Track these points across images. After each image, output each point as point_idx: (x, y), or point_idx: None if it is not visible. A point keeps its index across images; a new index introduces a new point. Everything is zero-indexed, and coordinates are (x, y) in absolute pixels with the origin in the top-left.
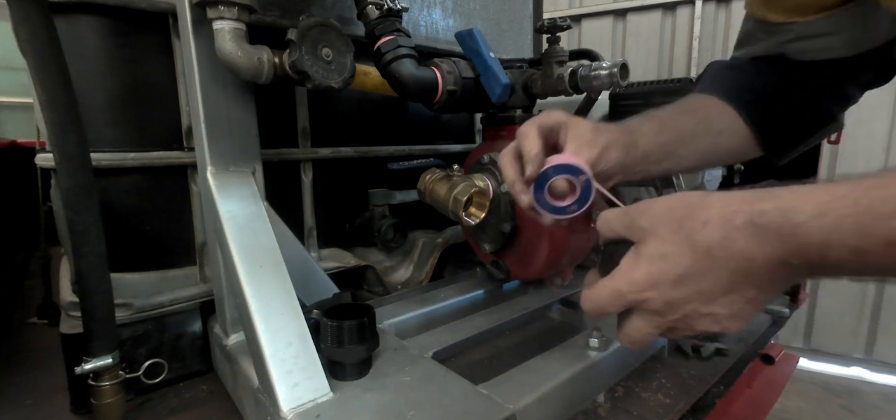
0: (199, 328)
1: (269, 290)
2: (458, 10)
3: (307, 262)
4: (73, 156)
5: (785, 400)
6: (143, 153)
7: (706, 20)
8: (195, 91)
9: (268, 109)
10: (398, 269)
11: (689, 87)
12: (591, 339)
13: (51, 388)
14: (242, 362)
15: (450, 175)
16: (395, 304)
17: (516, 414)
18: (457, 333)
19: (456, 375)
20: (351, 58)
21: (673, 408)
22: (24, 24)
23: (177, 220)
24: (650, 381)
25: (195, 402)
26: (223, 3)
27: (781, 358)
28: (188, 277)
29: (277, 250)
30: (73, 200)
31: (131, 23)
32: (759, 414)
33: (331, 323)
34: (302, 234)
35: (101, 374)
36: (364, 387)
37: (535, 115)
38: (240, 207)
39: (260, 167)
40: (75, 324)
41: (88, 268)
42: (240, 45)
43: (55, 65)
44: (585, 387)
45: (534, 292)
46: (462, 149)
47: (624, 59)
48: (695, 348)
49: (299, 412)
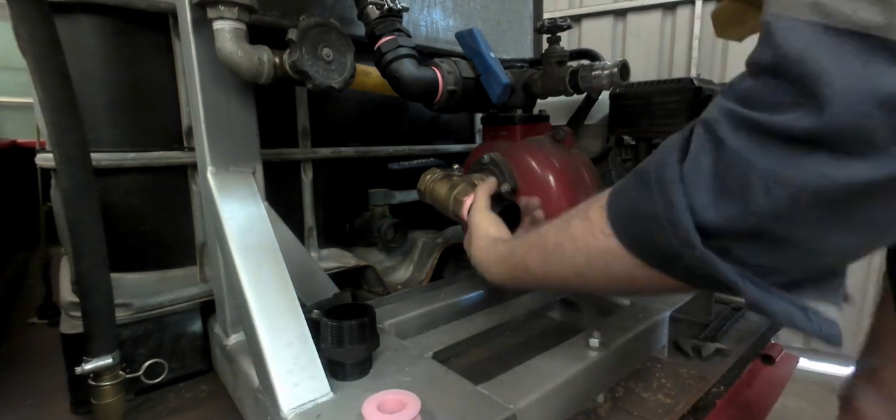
0: (200, 328)
1: (269, 290)
2: (458, 10)
3: (307, 262)
4: (73, 156)
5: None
6: (143, 153)
7: (706, 20)
8: (195, 91)
9: (268, 109)
10: (398, 269)
11: (689, 87)
12: (591, 339)
13: (51, 388)
14: (242, 362)
15: (450, 175)
16: (395, 303)
17: (517, 414)
18: (457, 333)
19: (456, 375)
20: (351, 58)
21: (673, 408)
22: (24, 24)
23: (177, 220)
24: (650, 381)
25: (195, 402)
26: (223, 3)
27: (781, 358)
28: (188, 277)
29: (277, 250)
30: (73, 200)
31: (131, 23)
32: (760, 414)
33: (331, 323)
34: (302, 234)
35: (102, 374)
36: (364, 387)
37: (535, 114)
38: (240, 207)
39: (260, 167)
40: (75, 324)
41: (88, 268)
42: (240, 45)
43: (55, 65)
44: (586, 387)
45: (534, 292)
46: (462, 149)
47: (624, 59)
48: (695, 348)
49: (299, 412)
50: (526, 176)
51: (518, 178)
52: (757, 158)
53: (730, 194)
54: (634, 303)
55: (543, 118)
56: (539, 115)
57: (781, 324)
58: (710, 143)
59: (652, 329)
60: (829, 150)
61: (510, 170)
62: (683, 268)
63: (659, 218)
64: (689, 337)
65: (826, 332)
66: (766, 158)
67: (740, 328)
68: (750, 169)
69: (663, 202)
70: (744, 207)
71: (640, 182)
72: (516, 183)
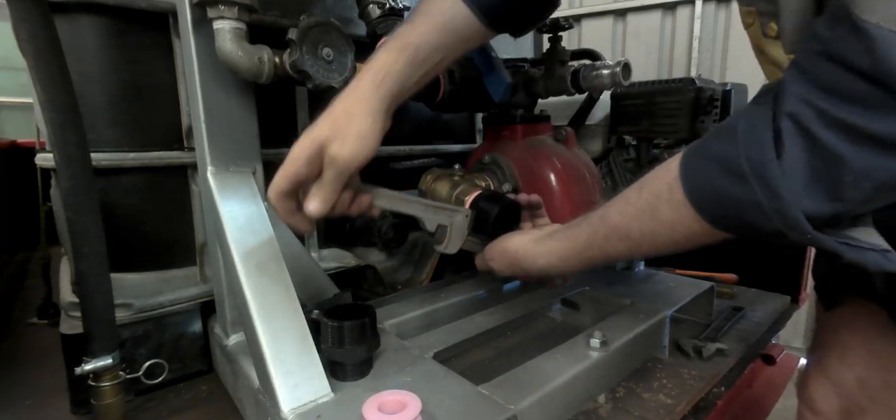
0: (200, 328)
1: (269, 291)
2: None
3: (307, 262)
4: (73, 156)
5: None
6: (143, 153)
7: (706, 20)
8: (195, 91)
9: (268, 109)
10: (399, 269)
11: (690, 87)
12: (591, 339)
13: (51, 389)
14: (243, 362)
15: (451, 175)
16: (395, 304)
17: (517, 414)
18: (457, 333)
19: (457, 376)
20: (352, 57)
21: (674, 408)
22: (24, 24)
23: (177, 220)
24: (651, 381)
25: (195, 402)
26: (223, 3)
27: (782, 358)
28: (188, 277)
29: (277, 250)
30: (73, 200)
31: (131, 23)
32: (760, 414)
33: (331, 323)
34: (302, 234)
35: (102, 374)
36: (365, 387)
37: (537, 114)
38: (240, 207)
39: (260, 167)
40: (75, 324)
41: (88, 268)
42: (240, 44)
43: (55, 65)
44: (586, 387)
45: (534, 292)
46: (463, 149)
47: (626, 59)
48: (696, 348)
49: (300, 412)
50: (527, 176)
51: (519, 178)
52: (853, 158)
53: (823, 186)
54: (635, 303)
55: (545, 118)
56: (540, 115)
57: (872, 269)
58: (801, 138)
59: (653, 329)
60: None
61: (511, 170)
62: (774, 236)
63: (761, 206)
64: (690, 337)
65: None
66: (862, 158)
67: (741, 328)
68: (844, 166)
69: (767, 194)
70: (837, 197)
71: (729, 171)
72: (517, 183)
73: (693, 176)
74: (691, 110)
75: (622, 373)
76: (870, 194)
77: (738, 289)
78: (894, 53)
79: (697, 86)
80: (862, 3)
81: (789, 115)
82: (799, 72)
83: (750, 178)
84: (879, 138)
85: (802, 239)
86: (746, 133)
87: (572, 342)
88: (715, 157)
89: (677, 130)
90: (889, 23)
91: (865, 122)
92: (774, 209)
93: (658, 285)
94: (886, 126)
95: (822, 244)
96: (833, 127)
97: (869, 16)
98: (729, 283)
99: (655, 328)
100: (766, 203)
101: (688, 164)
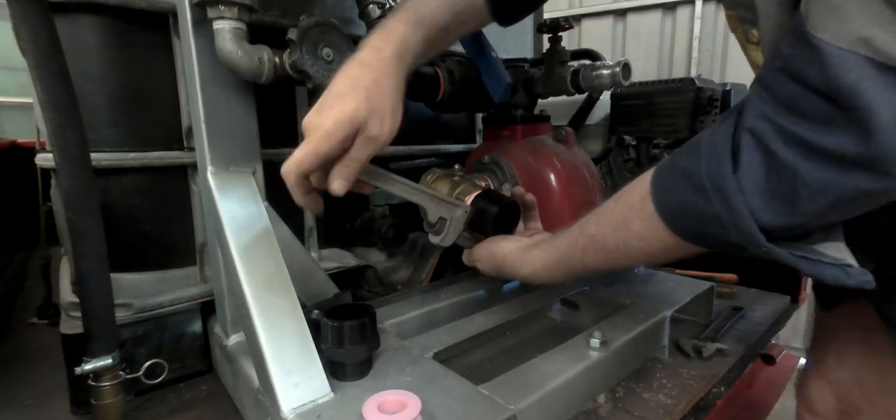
0: (200, 328)
1: (269, 290)
2: None
3: (307, 262)
4: (73, 156)
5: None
6: (143, 153)
7: (706, 20)
8: (195, 91)
9: (268, 109)
10: (398, 269)
11: (690, 88)
12: (591, 339)
13: (51, 389)
14: (243, 362)
15: (451, 175)
16: (395, 304)
17: (517, 414)
18: (457, 333)
19: (457, 376)
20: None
21: (674, 408)
22: (24, 24)
23: (177, 220)
24: (651, 381)
25: (195, 402)
26: (223, 3)
27: (782, 358)
28: (188, 277)
29: (277, 250)
30: (73, 200)
31: (131, 23)
32: (760, 414)
33: (331, 323)
34: (302, 234)
35: (101, 374)
36: (365, 387)
37: (537, 114)
38: (240, 207)
39: (260, 167)
40: (75, 324)
41: (88, 268)
42: (240, 44)
43: (55, 65)
44: (586, 387)
45: (534, 292)
46: (463, 149)
47: (625, 59)
48: (696, 348)
49: (300, 413)
50: (527, 176)
51: (519, 179)
52: (807, 173)
53: (780, 200)
54: (635, 303)
55: (544, 118)
56: (540, 115)
57: (831, 283)
58: (759, 153)
59: (653, 329)
60: (871, 170)
61: (511, 170)
62: (735, 248)
63: (720, 219)
64: (690, 337)
65: (862, 279)
66: (815, 173)
67: (741, 328)
68: (798, 180)
69: (725, 207)
70: (793, 211)
71: (692, 185)
72: (517, 183)
73: (663, 190)
74: (691, 110)
75: (622, 373)
76: (825, 208)
77: (737, 289)
78: (844, 71)
79: (697, 86)
80: (815, 20)
81: (749, 130)
82: (762, 87)
83: (710, 191)
84: (830, 153)
85: (759, 251)
86: (708, 148)
87: (572, 342)
88: (681, 172)
89: (677, 130)
90: (839, 40)
91: (818, 137)
92: (732, 222)
93: (658, 285)
94: (836, 141)
95: (779, 257)
96: (790, 143)
97: (820, 33)
98: (729, 283)
99: (655, 328)
100: (725, 216)
101: (658, 178)
